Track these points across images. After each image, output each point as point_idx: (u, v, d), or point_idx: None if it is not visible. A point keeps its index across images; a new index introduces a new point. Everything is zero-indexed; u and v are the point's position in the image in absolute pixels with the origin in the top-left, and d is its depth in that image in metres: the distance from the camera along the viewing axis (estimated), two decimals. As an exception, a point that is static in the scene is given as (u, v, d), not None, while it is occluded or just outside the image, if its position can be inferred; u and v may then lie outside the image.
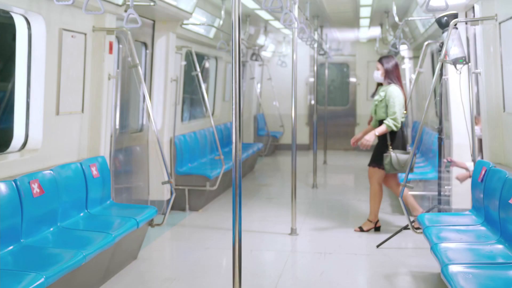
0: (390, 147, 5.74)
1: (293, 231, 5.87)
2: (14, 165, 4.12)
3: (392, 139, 5.77)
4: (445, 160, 5.55)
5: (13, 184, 3.80)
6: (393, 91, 5.76)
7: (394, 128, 5.71)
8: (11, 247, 3.71)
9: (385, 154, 5.74)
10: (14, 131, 4.42)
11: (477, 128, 5.47)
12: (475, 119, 5.50)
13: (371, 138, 5.80)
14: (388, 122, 5.72)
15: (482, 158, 5.15)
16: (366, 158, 4.69)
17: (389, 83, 5.85)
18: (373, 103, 5.96)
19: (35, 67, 4.35)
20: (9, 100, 5.30)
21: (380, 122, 5.88)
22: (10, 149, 4.36)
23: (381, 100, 5.83)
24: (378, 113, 5.90)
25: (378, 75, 5.90)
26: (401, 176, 5.90)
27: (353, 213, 6.96)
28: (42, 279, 3.20)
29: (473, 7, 5.13)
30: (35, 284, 3.15)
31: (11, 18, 4.33)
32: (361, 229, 5.94)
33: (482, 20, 4.82)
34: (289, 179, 6.10)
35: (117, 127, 5.77)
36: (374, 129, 5.86)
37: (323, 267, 4.88)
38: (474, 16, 5.08)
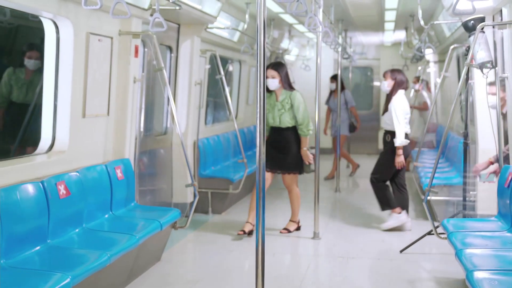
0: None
1: (315, 235, 5.86)
2: (41, 167, 4.19)
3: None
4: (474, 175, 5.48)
5: (40, 185, 3.87)
6: (299, 97, 5.90)
7: (311, 132, 5.91)
8: (38, 248, 3.77)
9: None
10: (41, 133, 4.50)
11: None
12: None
13: (308, 155, 5.93)
14: (303, 131, 5.89)
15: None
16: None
17: (291, 90, 5.95)
18: (276, 111, 5.93)
19: (62, 70, 4.42)
20: (37, 103, 5.39)
21: (285, 129, 5.91)
22: (37, 150, 4.44)
23: (288, 108, 5.89)
24: (283, 120, 5.91)
25: (276, 82, 5.88)
26: (425, 181, 5.85)
27: (376, 217, 6.91)
28: (68, 279, 3.25)
29: (501, 11, 5.06)
30: (61, 284, 3.20)
31: (40, 22, 4.41)
32: (287, 231, 6.03)
33: (510, 23, 4.75)
34: (312, 183, 6.09)
35: (142, 129, 5.82)
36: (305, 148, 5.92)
37: (345, 272, 4.86)
38: (501, 19, 5.02)
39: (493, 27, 5.16)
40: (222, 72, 6.96)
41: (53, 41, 4.40)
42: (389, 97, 6.25)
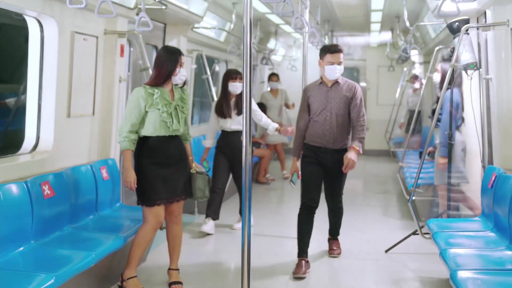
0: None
1: (301, 235, 5.86)
2: (25, 167, 4.15)
3: None
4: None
5: (24, 185, 3.83)
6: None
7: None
8: (21, 248, 3.73)
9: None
10: (25, 133, 4.46)
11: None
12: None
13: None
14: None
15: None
16: (374, 164, 4.68)
17: None
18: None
19: (47, 70, 4.39)
20: (21, 102, 5.34)
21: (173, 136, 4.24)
22: (21, 150, 4.40)
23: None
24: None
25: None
26: (411, 181, 5.89)
27: (362, 218, 6.94)
28: (52, 280, 3.23)
29: (485, 13, 5.11)
30: (46, 285, 3.18)
31: (24, 20, 4.37)
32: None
33: (493, 25, 4.81)
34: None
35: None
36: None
37: (331, 272, 4.88)
38: (485, 21, 5.07)
39: (478, 29, 5.21)
40: (208, 72, 6.97)
41: (37, 40, 4.37)
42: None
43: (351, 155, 4.71)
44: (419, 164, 5.23)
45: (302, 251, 4.84)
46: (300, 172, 4.94)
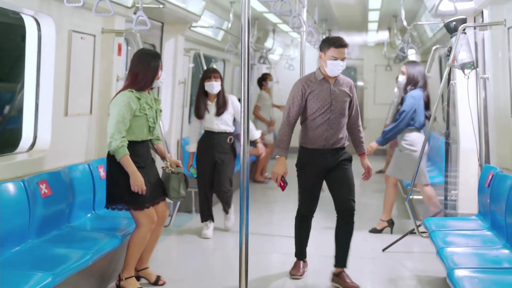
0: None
1: (299, 234, 5.86)
2: (23, 166, 4.15)
3: None
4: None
5: (22, 184, 3.83)
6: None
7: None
8: (18, 247, 3.73)
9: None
10: (22, 132, 4.45)
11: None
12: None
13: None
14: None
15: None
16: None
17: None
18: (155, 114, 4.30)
19: (44, 68, 4.38)
20: (19, 100, 5.34)
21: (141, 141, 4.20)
22: (18, 149, 4.40)
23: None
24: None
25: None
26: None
27: (359, 216, 6.92)
28: (50, 279, 3.23)
29: (482, 12, 5.12)
30: (43, 284, 3.18)
31: (21, 19, 4.36)
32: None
33: (490, 25, 4.82)
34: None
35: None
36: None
37: (328, 270, 4.88)
38: (482, 21, 5.08)
39: (475, 29, 5.22)
40: (206, 71, 6.95)
41: (34, 39, 4.36)
42: None
43: (368, 162, 4.54)
44: (417, 163, 5.23)
45: (300, 253, 4.76)
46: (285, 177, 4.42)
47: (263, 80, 10.00)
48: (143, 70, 4.12)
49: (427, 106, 5.92)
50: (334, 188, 4.48)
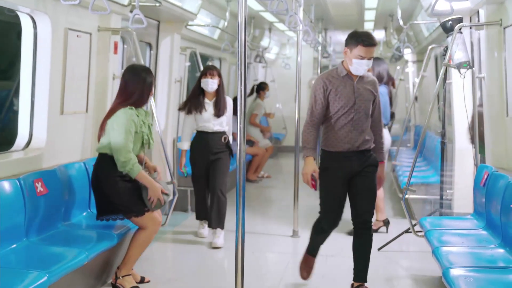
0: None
1: (295, 233, 5.87)
2: (18, 164, 4.14)
3: None
4: None
5: (17, 182, 3.82)
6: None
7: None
8: (14, 246, 3.73)
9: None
10: (18, 130, 4.44)
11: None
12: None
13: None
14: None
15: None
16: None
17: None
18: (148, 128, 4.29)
19: (40, 66, 4.37)
20: (14, 98, 5.32)
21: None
22: (14, 147, 4.38)
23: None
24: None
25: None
26: (404, 180, 5.91)
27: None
28: (45, 278, 3.22)
29: (478, 12, 5.14)
30: (38, 283, 3.17)
31: (17, 17, 4.35)
32: None
33: (486, 25, 4.83)
34: (292, 181, 6.10)
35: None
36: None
37: (324, 270, 4.88)
38: (478, 20, 5.09)
39: (471, 28, 5.24)
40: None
41: (30, 37, 4.35)
42: None
43: (384, 172, 4.24)
44: (412, 163, 5.24)
45: (314, 249, 4.44)
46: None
47: (261, 90, 9.95)
48: (140, 87, 4.15)
49: (390, 102, 5.97)
50: (355, 198, 4.14)
